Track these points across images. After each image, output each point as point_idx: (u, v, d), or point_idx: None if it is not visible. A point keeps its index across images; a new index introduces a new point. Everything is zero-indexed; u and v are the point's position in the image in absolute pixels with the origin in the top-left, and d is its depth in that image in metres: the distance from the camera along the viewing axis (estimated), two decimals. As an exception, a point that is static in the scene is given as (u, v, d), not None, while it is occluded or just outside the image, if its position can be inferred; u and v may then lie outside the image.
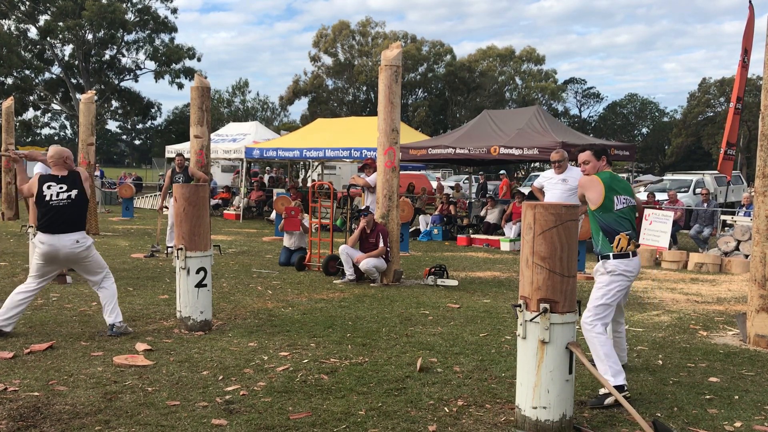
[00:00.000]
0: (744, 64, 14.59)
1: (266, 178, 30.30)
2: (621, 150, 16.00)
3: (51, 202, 6.00)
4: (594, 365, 4.96)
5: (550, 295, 4.04)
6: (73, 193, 6.09)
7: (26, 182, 6.28)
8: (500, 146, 14.69)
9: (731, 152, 15.09)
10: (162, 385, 4.80)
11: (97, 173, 32.04)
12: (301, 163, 28.62)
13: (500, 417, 4.37)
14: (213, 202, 22.53)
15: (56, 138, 76.90)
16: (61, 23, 42.45)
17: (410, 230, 15.46)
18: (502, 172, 24.76)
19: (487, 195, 20.96)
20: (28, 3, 43.29)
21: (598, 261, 4.93)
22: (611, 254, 4.84)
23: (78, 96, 39.41)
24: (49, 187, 6.04)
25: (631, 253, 4.86)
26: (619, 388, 4.59)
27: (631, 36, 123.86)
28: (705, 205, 15.17)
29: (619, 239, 4.82)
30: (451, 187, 25.61)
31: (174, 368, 5.19)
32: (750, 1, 14.11)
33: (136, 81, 56.25)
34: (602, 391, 4.65)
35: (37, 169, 11.04)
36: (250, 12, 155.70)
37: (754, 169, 6.87)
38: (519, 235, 14.40)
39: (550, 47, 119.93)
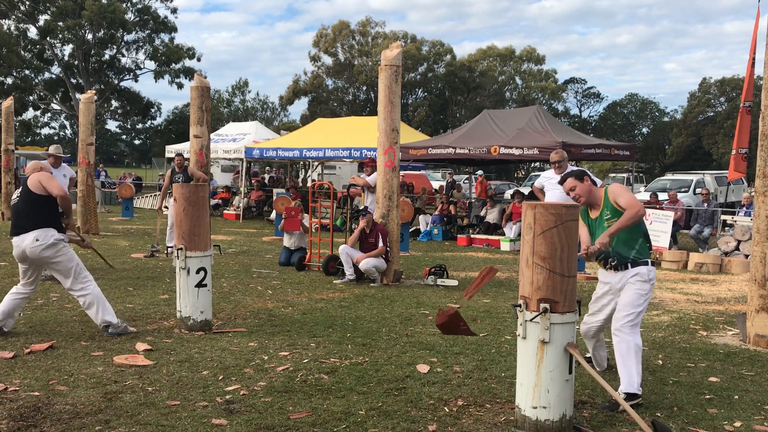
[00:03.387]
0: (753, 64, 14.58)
1: (266, 178, 30.30)
2: (621, 150, 16.00)
3: (11, 204, 6.22)
4: (596, 369, 4.97)
5: (550, 295, 4.04)
6: (18, 191, 6.20)
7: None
8: (500, 146, 14.70)
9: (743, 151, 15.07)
10: (162, 385, 4.81)
11: (103, 173, 32.16)
12: (301, 163, 28.63)
13: (500, 417, 4.37)
14: (213, 202, 22.52)
15: (56, 138, 76.80)
16: (61, 23, 42.45)
17: (410, 230, 15.46)
18: (479, 172, 24.62)
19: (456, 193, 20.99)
20: (28, 3, 43.30)
21: (630, 267, 4.75)
22: (650, 261, 4.76)
23: (78, 96, 39.39)
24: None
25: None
26: (633, 396, 4.58)
27: (631, 36, 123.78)
28: (705, 205, 15.16)
29: (652, 246, 4.80)
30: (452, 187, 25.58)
31: (174, 368, 5.19)
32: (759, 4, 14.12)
33: (136, 81, 56.25)
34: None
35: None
36: (251, 12, 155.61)
37: (754, 169, 6.87)
38: (519, 235, 14.39)
39: (551, 47, 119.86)
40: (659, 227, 13.64)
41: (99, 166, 34.35)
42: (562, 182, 5.04)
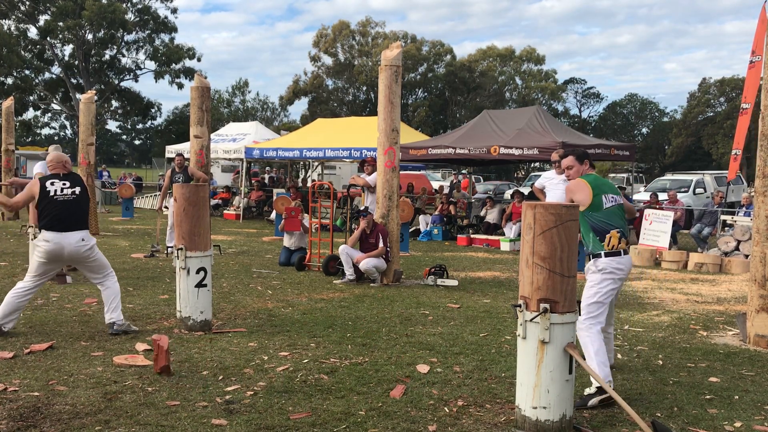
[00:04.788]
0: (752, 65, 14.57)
1: (266, 178, 30.30)
2: (621, 150, 16.00)
3: (56, 197, 5.99)
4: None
5: (550, 295, 4.04)
6: (77, 189, 6.13)
7: (13, 198, 6.28)
8: (500, 146, 14.70)
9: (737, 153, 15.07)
10: (162, 385, 4.80)
11: (105, 174, 32.22)
12: (301, 163, 28.63)
13: (500, 417, 4.37)
14: (213, 202, 22.52)
15: (56, 138, 76.78)
16: (61, 23, 42.46)
17: (410, 230, 15.45)
18: (463, 171, 24.53)
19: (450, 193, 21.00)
20: (28, 3, 43.30)
21: (589, 260, 4.97)
22: (602, 252, 4.88)
23: (78, 96, 39.42)
24: (52, 184, 6.05)
25: (622, 251, 4.90)
26: (602, 389, 4.57)
27: (632, 36, 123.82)
28: (716, 207, 15.10)
29: (610, 237, 4.88)
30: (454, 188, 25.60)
31: (174, 368, 5.19)
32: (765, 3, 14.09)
33: (136, 81, 56.23)
34: (587, 391, 4.65)
35: (38, 168, 11.05)
36: (252, 12, 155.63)
37: (754, 169, 6.87)
38: (519, 235, 14.38)
39: (551, 47, 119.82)
40: (659, 227, 13.63)
41: (102, 167, 34.46)
42: (564, 156, 5.21)
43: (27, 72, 44.55)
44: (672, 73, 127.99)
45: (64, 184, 6.06)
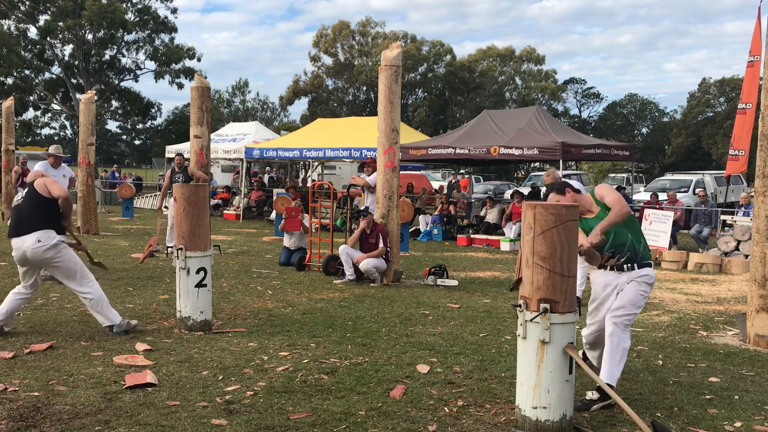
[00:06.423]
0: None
1: (266, 178, 30.29)
2: (621, 150, 16.00)
3: (14, 206, 6.22)
4: (592, 366, 4.95)
5: (550, 295, 4.04)
6: (23, 192, 6.23)
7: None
8: (500, 146, 14.70)
9: (735, 153, 15.10)
10: (162, 385, 4.81)
11: (117, 173, 32.30)
12: (301, 163, 28.63)
13: (500, 417, 4.37)
14: (213, 202, 22.51)
15: (56, 138, 76.75)
16: (61, 23, 42.46)
17: (410, 230, 15.46)
18: (462, 171, 24.48)
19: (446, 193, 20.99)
20: (28, 3, 43.30)
21: (640, 268, 4.69)
22: (651, 263, 4.75)
23: (78, 96, 39.39)
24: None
25: None
26: (605, 396, 4.54)
27: (632, 36, 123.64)
28: (703, 205, 15.17)
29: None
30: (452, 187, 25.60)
31: (174, 368, 5.19)
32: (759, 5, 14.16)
33: (136, 81, 56.08)
34: (589, 395, 4.62)
35: (38, 167, 11.04)
36: (252, 12, 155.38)
37: (754, 169, 6.87)
38: (519, 235, 14.38)
39: (552, 47, 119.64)
40: (659, 227, 13.63)
41: (114, 167, 34.70)
42: (545, 198, 5.03)
43: (27, 72, 44.53)
44: (672, 73, 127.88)
45: (22, 191, 6.35)
